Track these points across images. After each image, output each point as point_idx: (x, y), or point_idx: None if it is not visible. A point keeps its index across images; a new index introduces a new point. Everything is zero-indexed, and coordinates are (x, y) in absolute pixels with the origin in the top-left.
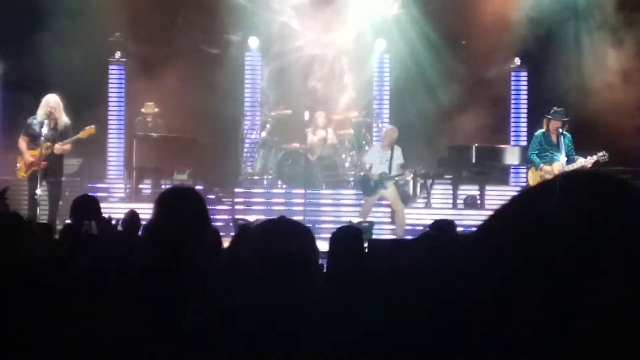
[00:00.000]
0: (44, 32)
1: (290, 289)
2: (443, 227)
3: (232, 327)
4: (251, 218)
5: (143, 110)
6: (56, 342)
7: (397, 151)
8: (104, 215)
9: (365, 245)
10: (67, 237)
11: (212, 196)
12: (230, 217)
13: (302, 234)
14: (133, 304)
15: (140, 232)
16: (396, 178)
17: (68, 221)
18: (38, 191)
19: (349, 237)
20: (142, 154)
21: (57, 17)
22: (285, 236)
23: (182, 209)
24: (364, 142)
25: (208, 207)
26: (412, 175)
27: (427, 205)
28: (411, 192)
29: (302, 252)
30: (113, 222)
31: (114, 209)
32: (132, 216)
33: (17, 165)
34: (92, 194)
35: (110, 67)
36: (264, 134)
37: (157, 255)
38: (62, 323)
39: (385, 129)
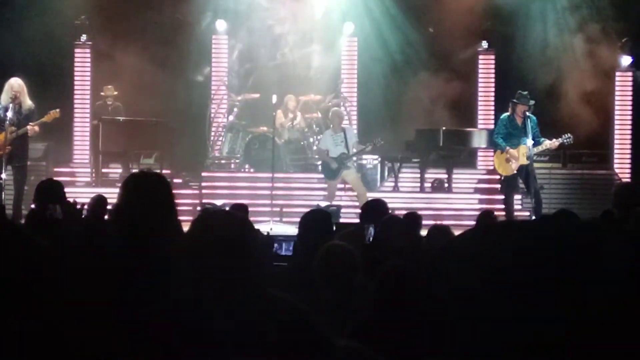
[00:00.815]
0: (5, 14)
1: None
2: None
3: (193, 314)
4: (218, 202)
5: (102, 93)
6: (17, 329)
7: (350, 131)
8: (68, 199)
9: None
10: (32, 222)
11: (179, 180)
12: (198, 201)
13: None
14: (96, 290)
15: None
16: (357, 154)
17: (33, 206)
18: (3, 175)
19: (317, 220)
20: (107, 138)
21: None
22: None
23: (147, 194)
24: (331, 126)
25: (174, 192)
26: (370, 147)
27: (395, 189)
28: (378, 175)
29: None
30: (78, 206)
31: (80, 194)
32: (99, 201)
33: None
34: (57, 179)
35: (76, 50)
36: (231, 117)
37: (121, 240)
38: (23, 310)
39: (330, 114)
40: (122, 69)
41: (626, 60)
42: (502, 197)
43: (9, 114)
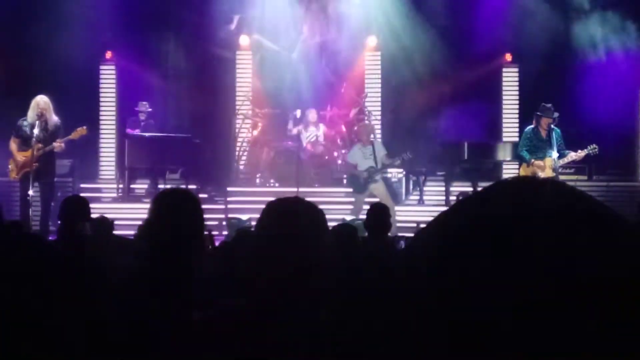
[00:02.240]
0: (33, 32)
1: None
2: None
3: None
4: (244, 217)
5: (137, 109)
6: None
7: (378, 144)
8: (101, 215)
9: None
10: (63, 238)
11: (205, 195)
12: (224, 216)
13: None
14: (125, 306)
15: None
16: (386, 167)
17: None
18: (30, 192)
19: (343, 235)
20: (133, 154)
21: (47, 17)
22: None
23: (177, 211)
24: (359, 140)
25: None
26: (399, 161)
27: (420, 202)
28: (403, 189)
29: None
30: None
31: (106, 210)
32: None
33: (9, 167)
34: (83, 195)
35: (102, 66)
36: (255, 132)
37: (150, 257)
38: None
39: (358, 127)
40: (147, 85)
41: None
42: None
43: (36, 131)
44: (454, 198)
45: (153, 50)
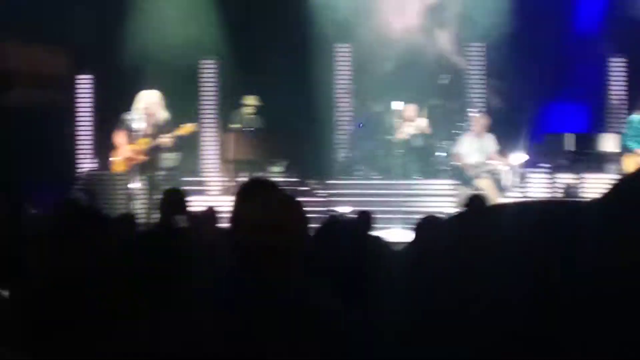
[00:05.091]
0: (137, 27)
1: None
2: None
3: None
4: (345, 209)
5: (244, 102)
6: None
7: (490, 138)
8: (207, 208)
9: None
10: (161, 230)
11: (306, 188)
12: (325, 208)
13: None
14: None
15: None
16: (494, 165)
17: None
18: (135, 185)
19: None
20: (237, 147)
21: (151, 13)
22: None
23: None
24: (457, 131)
25: (301, 199)
26: (509, 162)
27: (524, 195)
28: (507, 182)
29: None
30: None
31: (210, 203)
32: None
33: (114, 159)
34: (187, 188)
35: (203, 62)
36: (356, 125)
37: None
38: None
39: (475, 117)
40: (248, 80)
41: None
42: None
43: (142, 125)
44: (559, 190)
45: (253, 44)
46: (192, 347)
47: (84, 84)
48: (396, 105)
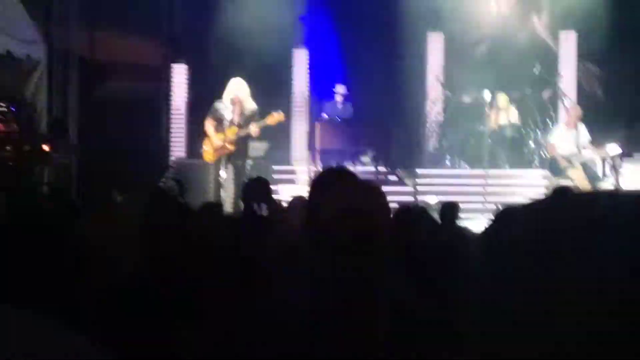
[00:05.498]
0: (229, 16)
1: None
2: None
3: None
4: (432, 199)
5: (334, 90)
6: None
7: (583, 129)
8: (288, 198)
9: None
10: (244, 218)
11: (394, 177)
12: (412, 198)
13: None
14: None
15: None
16: (587, 156)
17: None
18: (223, 174)
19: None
20: (325, 137)
21: (244, 2)
22: None
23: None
24: (548, 121)
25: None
26: (603, 153)
27: (617, 186)
28: (600, 172)
29: None
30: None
31: (299, 193)
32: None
33: (204, 148)
34: (277, 177)
35: (295, 51)
36: (446, 114)
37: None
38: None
39: (569, 107)
40: (339, 70)
41: None
42: None
43: (231, 114)
44: None
45: (346, 34)
46: (279, 342)
47: (179, 74)
48: (487, 94)
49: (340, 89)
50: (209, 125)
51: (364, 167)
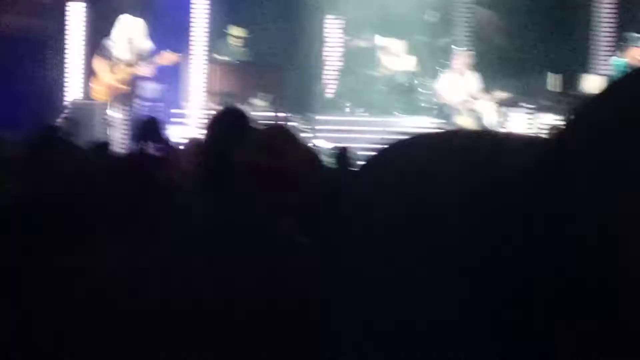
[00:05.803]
0: None
1: None
2: None
3: None
4: (329, 145)
5: (228, 32)
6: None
7: (473, 76)
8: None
9: None
10: (131, 157)
11: (294, 123)
12: (311, 144)
13: None
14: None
15: None
16: (476, 104)
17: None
18: (115, 114)
19: None
20: (222, 80)
21: None
22: None
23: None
24: (440, 68)
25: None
26: (492, 100)
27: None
28: (489, 121)
29: None
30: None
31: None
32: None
33: (94, 87)
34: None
35: None
36: (344, 60)
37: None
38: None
39: (458, 54)
40: (237, 11)
41: None
42: None
43: (122, 53)
44: (542, 131)
45: None
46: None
47: (76, 13)
48: (381, 40)
49: (236, 31)
50: (99, 64)
51: (260, 112)
